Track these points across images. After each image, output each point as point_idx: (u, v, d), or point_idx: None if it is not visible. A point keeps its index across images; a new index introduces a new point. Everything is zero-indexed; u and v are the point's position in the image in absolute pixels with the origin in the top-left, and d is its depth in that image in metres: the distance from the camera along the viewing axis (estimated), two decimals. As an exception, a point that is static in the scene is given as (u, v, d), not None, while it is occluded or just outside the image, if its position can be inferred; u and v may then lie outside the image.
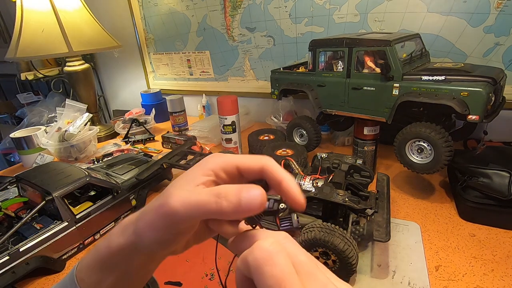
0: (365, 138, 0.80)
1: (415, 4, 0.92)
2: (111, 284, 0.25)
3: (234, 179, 0.24)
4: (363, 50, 0.73)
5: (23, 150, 1.05)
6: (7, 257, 0.53)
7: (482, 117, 0.61)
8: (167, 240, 0.22)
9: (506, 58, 0.87)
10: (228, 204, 0.20)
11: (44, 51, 1.06)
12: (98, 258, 0.25)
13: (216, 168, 0.23)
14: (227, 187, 0.21)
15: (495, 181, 0.61)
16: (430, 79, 0.66)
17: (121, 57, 1.61)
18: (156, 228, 0.22)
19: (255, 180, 0.24)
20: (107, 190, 0.69)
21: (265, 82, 1.28)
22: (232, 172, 0.23)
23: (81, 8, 1.17)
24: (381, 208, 0.58)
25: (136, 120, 1.25)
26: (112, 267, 0.25)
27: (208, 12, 1.26)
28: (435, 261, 0.54)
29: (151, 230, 0.22)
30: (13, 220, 0.63)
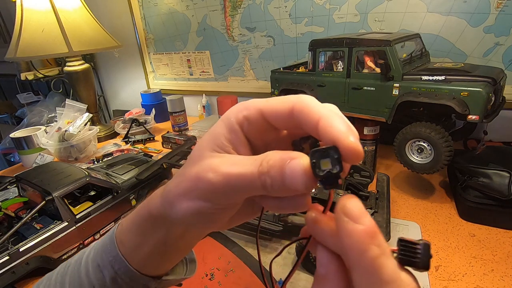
0: (365, 138, 0.80)
1: (415, 4, 0.92)
2: (149, 251, 0.23)
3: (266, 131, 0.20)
4: (363, 50, 0.73)
5: (23, 150, 1.05)
6: (7, 257, 0.53)
7: (482, 117, 0.61)
8: (206, 214, 0.19)
9: (506, 58, 0.87)
10: (272, 182, 0.16)
11: (44, 51, 1.06)
12: (138, 221, 0.24)
13: (241, 120, 0.19)
14: (270, 156, 0.17)
15: (495, 181, 0.61)
16: (430, 79, 0.66)
17: (121, 57, 1.61)
18: (192, 201, 0.19)
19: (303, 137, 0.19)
20: (107, 190, 0.69)
21: (265, 82, 1.28)
22: (257, 120, 0.19)
23: (81, 8, 1.17)
24: (381, 208, 0.58)
25: (136, 120, 1.25)
26: (151, 232, 0.23)
27: (208, 12, 1.26)
28: (435, 261, 0.54)
29: (187, 202, 0.19)
30: (13, 220, 0.63)
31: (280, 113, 0.18)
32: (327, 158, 0.16)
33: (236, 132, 0.19)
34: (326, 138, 0.16)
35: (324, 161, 0.16)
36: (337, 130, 0.16)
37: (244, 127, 0.19)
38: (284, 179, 0.16)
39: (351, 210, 0.15)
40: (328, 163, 0.16)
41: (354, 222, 0.14)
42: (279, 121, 0.19)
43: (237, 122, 0.19)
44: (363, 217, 0.14)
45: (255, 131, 0.20)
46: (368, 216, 0.15)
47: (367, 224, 0.14)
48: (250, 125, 0.19)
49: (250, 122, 0.19)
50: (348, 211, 0.15)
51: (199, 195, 0.19)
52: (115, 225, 0.25)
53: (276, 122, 0.19)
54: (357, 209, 0.15)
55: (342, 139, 0.15)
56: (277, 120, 0.19)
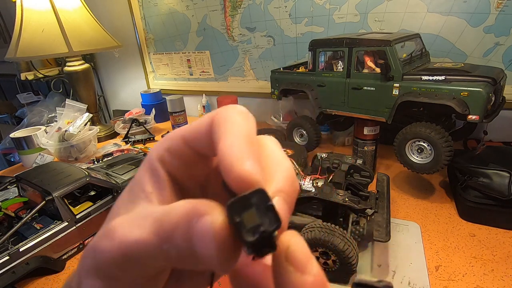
0: (365, 138, 0.80)
1: (415, 4, 0.92)
2: None
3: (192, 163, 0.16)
4: (363, 50, 0.73)
5: (23, 150, 1.05)
6: (7, 257, 0.53)
7: (482, 117, 0.61)
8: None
9: (506, 58, 0.87)
10: (178, 253, 0.12)
11: (44, 51, 1.06)
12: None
13: (161, 155, 0.15)
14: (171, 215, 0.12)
15: (495, 181, 0.61)
16: (430, 79, 0.66)
17: (121, 57, 1.61)
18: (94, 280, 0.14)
19: None
20: (107, 190, 0.69)
21: (265, 82, 1.28)
22: (180, 150, 0.15)
23: (81, 8, 1.17)
24: (381, 208, 0.58)
25: (136, 120, 1.25)
26: None
27: (208, 12, 1.26)
28: (435, 261, 0.54)
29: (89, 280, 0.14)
30: (13, 220, 0.63)
31: (200, 132, 0.14)
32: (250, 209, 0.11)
33: (155, 170, 0.15)
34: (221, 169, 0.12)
35: (248, 214, 0.11)
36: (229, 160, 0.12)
37: (166, 162, 0.15)
38: (194, 250, 0.11)
39: (297, 255, 0.12)
40: (254, 215, 0.11)
41: (301, 272, 0.11)
42: (203, 144, 0.14)
43: (157, 158, 0.15)
44: (310, 263, 0.12)
45: (182, 165, 0.15)
46: (314, 260, 0.12)
47: (315, 273, 0.11)
48: (174, 158, 0.15)
49: (172, 153, 0.15)
50: (294, 256, 0.12)
51: (98, 271, 0.14)
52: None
53: (200, 146, 0.15)
54: (303, 253, 0.12)
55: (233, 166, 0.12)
56: (201, 143, 0.15)
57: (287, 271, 0.12)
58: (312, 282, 0.11)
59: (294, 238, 0.12)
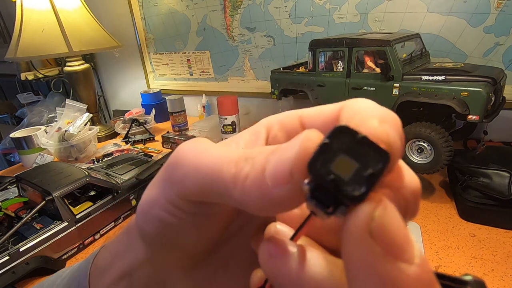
0: (365, 138, 0.80)
1: (415, 4, 0.92)
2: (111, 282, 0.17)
3: None
4: (363, 50, 0.73)
5: (23, 150, 1.05)
6: (7, 257, 0.53)
7: (482, 117, 0.61)
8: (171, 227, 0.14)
9: (506, 58, 0.87)
10: (250, 171, 0.11)
11: (44, 51, 1.06)
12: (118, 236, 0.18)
13: (271, 123, 0.14)
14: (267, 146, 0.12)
15: (495, 181, 0.61)
16: (430, 79, 0.66)
17: (121, 57, 1.61)
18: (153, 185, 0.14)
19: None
20: (107, 190, 0.69)
21: (265, 82, 1.28)
22: (293, 127, 0.14)
23: (81, 8, 1.17)
24: (381, 208, 0.58)
25: (136, 120, 1.25)
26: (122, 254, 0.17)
27: (208, 12, 1.26)
28: (435, 261, 0.54)
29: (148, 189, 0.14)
30: (13, 220, 0.63)
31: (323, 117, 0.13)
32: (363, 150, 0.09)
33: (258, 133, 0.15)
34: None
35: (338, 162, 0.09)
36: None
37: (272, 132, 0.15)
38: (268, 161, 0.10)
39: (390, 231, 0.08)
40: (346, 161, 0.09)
41: (396, 259, 0.08)
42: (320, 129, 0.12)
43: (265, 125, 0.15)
44: (410, 247, 0.08)
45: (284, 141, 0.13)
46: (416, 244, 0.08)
47: (419, 263, 0.08)
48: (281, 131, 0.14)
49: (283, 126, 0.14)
50: (384, 234, 0.08)
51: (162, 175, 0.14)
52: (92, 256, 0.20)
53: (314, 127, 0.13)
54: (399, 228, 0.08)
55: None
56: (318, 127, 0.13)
57: (372, 253, 0.08)
58: (416, 277, 0.07)
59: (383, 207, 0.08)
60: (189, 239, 0.14)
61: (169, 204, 0.13)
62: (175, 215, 0.13)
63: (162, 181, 0.14)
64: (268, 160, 0.10)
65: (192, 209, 0.13)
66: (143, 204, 0.14)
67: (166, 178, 0.14)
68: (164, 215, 0.13)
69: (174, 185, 0.13)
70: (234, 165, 0.11)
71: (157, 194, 0.14)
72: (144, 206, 0.14)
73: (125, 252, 0.17)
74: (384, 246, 0.07)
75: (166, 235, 0.14)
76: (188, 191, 0.13)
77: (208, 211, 0.14)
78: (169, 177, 0.13)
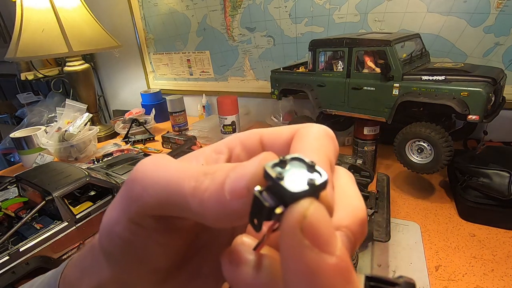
0: (365, 138, 0.80)
1: (415, 4, 0.92)
2: None
3: None
4: (363, 50, 0.73)
5: (23, 150, 1.05)
6: (7, 257, 0.53)
7: (482, 117, 0.61)
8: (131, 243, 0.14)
9: (506, 58, 0.87)
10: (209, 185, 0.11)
11: (44, 51, 1.06)
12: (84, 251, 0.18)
13: (232, 143, 0.15)
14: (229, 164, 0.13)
15: (495, 181, 0.61)
16: (430, 79, 0.66)
17: (121, 57, 1.61)
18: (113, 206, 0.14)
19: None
20: (107, 190, 0.69)
21: (265, 82, 1.28)
22: (254, 148, 0.15)
23: (80, 7, 1.17)
24: (381, 208, 0.58)
25: (136, 120, 1.25)
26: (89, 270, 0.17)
27: (208, 12, 1.26)
28: (435, 261, 0.54)
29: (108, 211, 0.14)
30: (13, 220, 0.63)
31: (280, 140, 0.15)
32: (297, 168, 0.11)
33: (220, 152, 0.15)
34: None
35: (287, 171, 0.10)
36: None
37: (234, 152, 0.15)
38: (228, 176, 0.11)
39: (318, 228, 0.09)
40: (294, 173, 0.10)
41: (321, 251, 0.09)
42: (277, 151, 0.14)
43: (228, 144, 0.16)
44: (334, 240, 0.09)
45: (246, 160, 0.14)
46: (339, 238, 0.10)
47: (338, 254, 0.09)
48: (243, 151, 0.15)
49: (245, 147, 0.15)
50: (312, 230, 0.09)
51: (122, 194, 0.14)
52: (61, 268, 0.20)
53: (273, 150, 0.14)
54: (325, 226, 0.09)
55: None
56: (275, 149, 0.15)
57: (301, 245, 0.09)
58: (335, 266, 0.09)
59: (314, 205, 0.09)
60: (154, 256, 0.14)
61: (130, 223, 0.13)
62: (136, 233, 0.13)
63: (122, 199, 0.14)
64: (228, 175, 0.11)
65: (154, 225, 0.13)
66: (105, 225, 0.14)
67: (125, 195, 0.14)
68: (126, 234, 0.14)
69: (133, 202, 0.13)
70: (194, 179, 0.12)
71: (117, 213, 0.14)
72: (106, 226, 0.14)
73: (92, 269, 0.17)
74: (311, 240, 0.09)
75: (130, 254, 0.14)
76: (147, 205, 0.13)
77: (170, 227, 0.14)
78: (128, 194, 0.13)
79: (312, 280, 0.08)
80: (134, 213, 0.13)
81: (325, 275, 0.08)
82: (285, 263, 0.09)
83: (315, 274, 0.08)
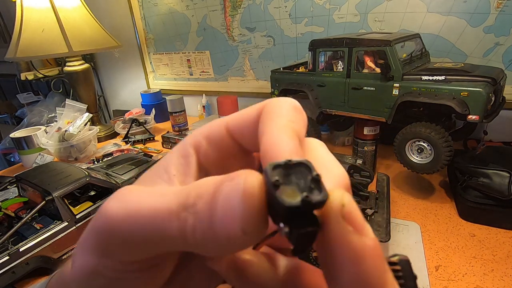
0: (365, 138, 0.80)
1: (415, 4, 0.92)
2: None
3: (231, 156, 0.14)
4: (363, 50, 0.73)
5: (23, 150, 1.05)
6: (7, 257, 0.53)
7: (482, 117, 0.61)
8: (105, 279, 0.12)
9: (506, 58, 0.87)
10: (195, 222, 0.10)
11: (44, 51, 1.06)
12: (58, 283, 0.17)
13: (197, 140, 0.14)
14: (203, 182, 0.11)
15: (495, 181, 0.61)
16: (430, 79, 0.66)
17: (121, 57, 1.61)
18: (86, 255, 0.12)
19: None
20: (107, 190, 0.69)
21: (265, 82, 1.28)
22: (220, 139, 0.14)
23: (80, 7, 1.17)
24: (381, 208, 0.58)
25: (136, 120, 1.25)
26: None
27: (208, 12, 1.26)
28: (435, 261, 0.54)
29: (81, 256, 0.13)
30: (13, 220, 0.63)
31: (248, 121, 0.13)
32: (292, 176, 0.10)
33: (187, 156, 0.14)
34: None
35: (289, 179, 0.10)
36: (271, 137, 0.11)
37: (202, 151, 0.14)
38: (213, 216, 0.10)
39: (355, 214, 0.10)
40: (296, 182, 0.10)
41: (360, 234, 0.10)
42: (247, 134, 0.13)
43: (192, 144, 0.14)
44: (368, 227, 0.10)
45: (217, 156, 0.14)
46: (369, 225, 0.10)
47: (373, 237, 0.10)
48: (211, 147, 0.14)
49: (212, 141, 0.14)
50: (352, 216, 0.10)
51: (93, 243, 0.12)
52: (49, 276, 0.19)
53: (243, 137, 0.14)
54: (358, 211, 0.10)
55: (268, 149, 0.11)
56: (244, 133, 0.13)
57: (346, 231, 0.09)
58: (374, 246, 0.09)
59: (347, 196, 0.10)
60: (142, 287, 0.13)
61: (112, 271, 0.12)
62: (121, 277, 0.12)
63: (96, 250, 0.12)
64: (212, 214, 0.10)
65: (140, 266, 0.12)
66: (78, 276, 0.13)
67: (99, 247, 0.12)
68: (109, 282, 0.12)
69: (112, 254, 0.12)
70: (175, 218, 0.10)
71: (94, 264, 0.12)
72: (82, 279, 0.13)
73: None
74: (353, 225, 0.10)
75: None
76: (131, 255, 0.12)
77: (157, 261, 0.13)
78: (103, 247, 0.12)
79: (360, 262, 0.09)
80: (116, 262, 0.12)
81: (369, 255, 0.09)
82: (333, 250, 0.10)
83: (361, 256, 0.09)
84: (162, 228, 0.10)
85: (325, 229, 0.10)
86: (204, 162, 0.14)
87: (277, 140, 0.11)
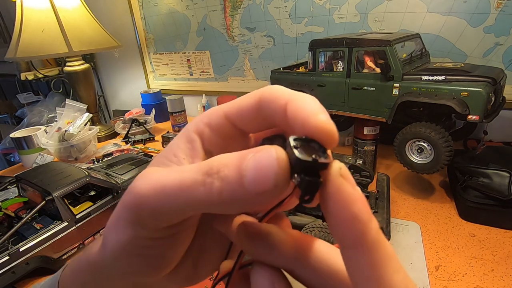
0: (365, 138, 0.80)
1: (415, 4, 0.92)
2: None
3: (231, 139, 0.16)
4: (363, 50, 0.73)
5: (23, 150, 1.05)
6: (7, 257, 0.53)
7: (482, 117, 0.61)
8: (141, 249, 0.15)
9: (506, 58, 0.87)
10: (222, 184, 0.12)
11: (44, 51, 1.06)
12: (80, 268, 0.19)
13: (199, 127, 0.16)
14: (223, 156, 0.13)
15: (495, 181, 0.61)
16: (430, 79, 0.66)
17: (121, 57, 1.61)
18: (121, 230, 0.14)
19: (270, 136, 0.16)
20: (107, 190, 0.69)
21: (265, 82, 1.28)
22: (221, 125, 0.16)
23: (80, 7, 1.17)
24: (381, 208, 0.58)
25: (136, 120, 1.25)
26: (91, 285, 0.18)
27: (208, 12, 1.26)
28: (435, 261, 0.54)
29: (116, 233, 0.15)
30: (13, 220, 0.63)
31: (247, 109, 0.15)
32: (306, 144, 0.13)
33: (192, 141, 0.16)
34: (294, 121, 0.13)
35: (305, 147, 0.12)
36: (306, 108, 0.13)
37: (205, 136, 0.16)
38: (243, 177, 0.12)
39: (348, 174, 0.13)
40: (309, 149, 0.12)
41: (353, 187, 0.12)
42: (246, 120, 0.15)
43: (195, 131, 0.16)
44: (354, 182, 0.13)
45: (219, 140, 0.16)
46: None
47: (361, 192, 0.13)
48: (213, 133, 0.16)
49: (213, 128, 0.16)
50: (346, 175, 0.13)
51: (127, 218, 0.14)
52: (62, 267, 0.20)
53: (242, 122, 0.15)
54: (349, 173, 0.13)
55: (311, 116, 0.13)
56: (244, 119, 0.15)
57: (343, 183, 0.12)
58: (362, 195, 0.12)
59: (340, 163, 0.13)
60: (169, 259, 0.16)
61: (147, 240, 0.14)
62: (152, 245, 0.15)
63: (130, 223, 0.14)
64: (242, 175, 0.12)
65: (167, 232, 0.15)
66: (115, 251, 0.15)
67: (133, 220, 0.14)
68: (144, 251, 0.15)
69: (145, 223, 0.14)
70: (200, 185, 0.12)
71: (129, 235, 0.14)
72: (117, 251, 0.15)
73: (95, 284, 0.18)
74: (348, 181, 0.12)
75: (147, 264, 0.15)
76: (161, 222, 0.14)
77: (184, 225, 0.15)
78: (136, 219, 0.14)
79: (353, 204, 0.12)
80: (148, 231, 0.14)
81: (360, 200, 0.12)
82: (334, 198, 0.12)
83: (354, 200, 0.12)
84: (189, 195, 0.12)
85: (327, 184, 0.12)
86: (208, 146, 0.16)
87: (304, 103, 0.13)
